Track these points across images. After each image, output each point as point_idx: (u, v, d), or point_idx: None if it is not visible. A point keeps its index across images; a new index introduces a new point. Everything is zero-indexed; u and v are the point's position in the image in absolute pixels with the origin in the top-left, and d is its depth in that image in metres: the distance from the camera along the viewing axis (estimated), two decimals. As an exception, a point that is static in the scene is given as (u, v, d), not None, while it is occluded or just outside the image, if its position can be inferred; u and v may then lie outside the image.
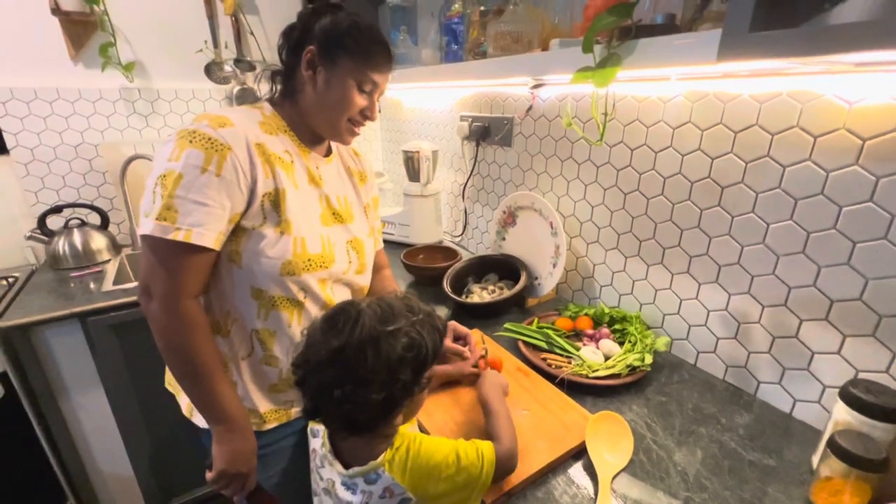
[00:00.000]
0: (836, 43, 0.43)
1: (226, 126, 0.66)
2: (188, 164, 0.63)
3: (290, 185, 0.73)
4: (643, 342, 0.95)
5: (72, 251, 1.55)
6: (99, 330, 1.30)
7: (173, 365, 0.71)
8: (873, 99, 0.65)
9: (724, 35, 0.49)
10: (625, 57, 0.62)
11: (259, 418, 0.80)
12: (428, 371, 0.61)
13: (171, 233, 0.63)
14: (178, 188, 0.63)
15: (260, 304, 0.74)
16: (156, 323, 0.68)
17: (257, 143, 0.70)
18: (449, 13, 1.21)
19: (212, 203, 0.64)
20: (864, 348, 0.71)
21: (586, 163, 1.13)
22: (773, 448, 0.74)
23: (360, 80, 0.74)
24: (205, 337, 0.70)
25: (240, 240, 0.70)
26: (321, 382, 0.57)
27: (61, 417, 1.35)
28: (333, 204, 0.82)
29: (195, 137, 0.64)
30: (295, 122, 0.78)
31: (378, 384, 0.55)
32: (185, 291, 0.67)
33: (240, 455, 0.74)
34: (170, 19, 1.66)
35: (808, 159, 0.73)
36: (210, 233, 0.65)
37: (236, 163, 0.66)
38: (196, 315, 0.69)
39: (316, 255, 0.75)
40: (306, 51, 0.71)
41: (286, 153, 0.75)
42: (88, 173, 1.67)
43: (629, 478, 0.69)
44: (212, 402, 0.71)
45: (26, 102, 1.51)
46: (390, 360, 0.56)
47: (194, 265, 0.67)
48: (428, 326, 0.60)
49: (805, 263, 0.76)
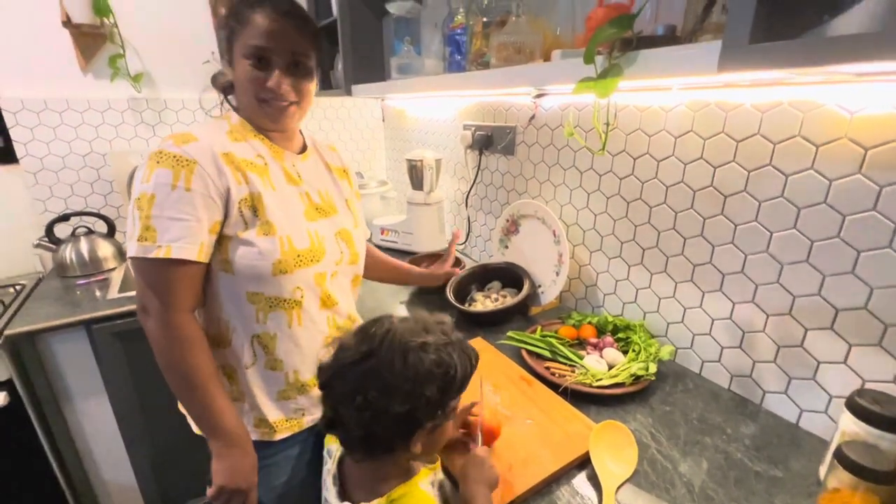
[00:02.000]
0: (835, 54, 0.44)
1: (189, 142, 0.68)
2: (158, 184, 0.65)
3: (267, 188, 0.74)
4: (647, 351, 0.94)
5: (78, 259, 1.56)
6: (104, 337, 1.31)
7: (171, 380, 0.71)
8: (875, 108, 0.65)
9: (725, 46, 0.49)
10: (626, 68, 0.62)
11: (269, 428, 0.80)
12: (455, 399, 0.59)
13: (153, 251, 0.64)
14: (152, 208, 0.65)
15: (257, 308, 0.75)
16: (153, 340, 0.70)
17: (224, 153, 0.70)
18: (452, 24, 1.22)
19: (186, 217, 0.66)
20: (870, 358, 0.71)
21: (589, 171, 1.13)
22: (779, 459, 0.73)
23: (248, 50, 0.71)
24: (200, 352, 0.71)
25: (227, 249, 0.71)
26: (345, 386, 0.56)
27: (65, 425, 1.36)
28: (315, 199, 0.82)
29: (162, 157, 0.66)
30: (253, 123, 0.79)
31: (402, 395, 0.54)
32: (177, 306, 0.69)
33: (238, 471, 0.73)
34: (178, 31, 1.69)
35: (811, 168, 0.73)
36: (190, 245, 0.66)
37: (204, 175, 0.67)
38: (191, 329, 0.70)
39: (304, 249, 0.76)
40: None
41: (258, 157, 0.76)
42: (96, 182, 1.69)
43: (634, 488, 0.68)
44: (209, 417, 0.72)
45: (36, 113, 1.54)
46: (418, 372, 0.54)
47: (181, 279, 0.68)
48: (459, 351, 0.59)
49: (809, 272, 0.76)
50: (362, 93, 1.56)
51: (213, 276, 0.73)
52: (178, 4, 1.67)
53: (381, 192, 2.02)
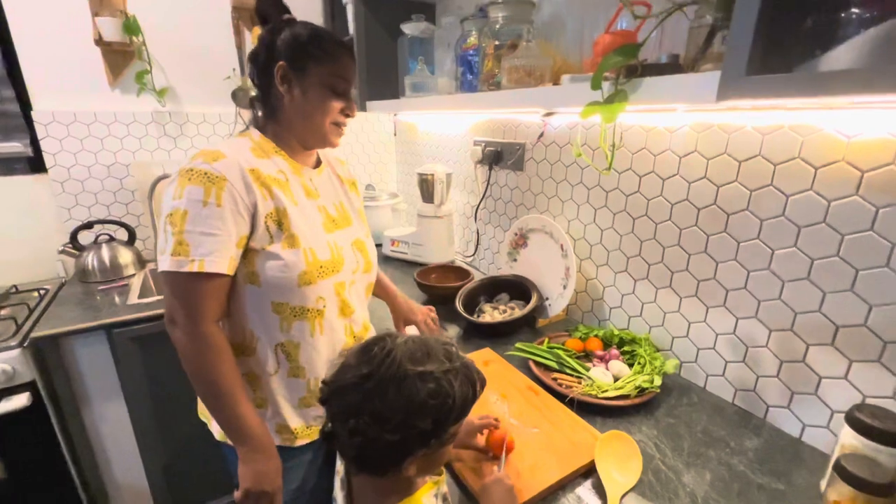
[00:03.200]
0: (825, 87, 0.47)
1: (218, 159, 0.71)
2: (191, 200, 0.68)
3: (290, 202, 0.77)
4: (652, 364, 0.97)
5: (100, 265, 1.62)
6: (123, 342, 1.35)
7: (199, 388, 0.75)
8: (871, 133, 0.68)
9: (723, 77, 0.53)
10: (631, 93, 0.66)
11: (290, 434, 0.83)
12: (454, 426, 0.58)
13: (187, 265, 0.68)
14: (185, 223, 0.68)
15: (281, 317, 0.78)
16: (181, 349, 0.72)
17: (251, 169, 0.74)
18: (465, 45, 1.27)
19: (217, 232, 0.69)
20: (870, 374, 0.73)
21: (596, 188, 1.17)
22: (782, 472, 0.75)
23: (333, 82, 0.78)
24: (226, 360, 0.74)
25: (254, 261, 0.74)
26: (341, 406, 0.57)
27: (83, 426, 1.39)
28: (330, 212, 0.86)
29: (193, 174, 0.69)
30: (282, 140, 0.82)
31: (393, 424, 0.53)
32: (205, 317, 0.71)
33: (264, 475, 0.76)
34: (202, 49, 1.77)
35: (810, 189, 0.76)
36: (221, 259, 0.70)
37: (233, 191, 0.70)
38: (217, 339, 0.73)
39: (326, 261, 0.80)
40: (277, 67, 0.76)
41: (280, 173, 0.79)
42: (119, 191, 1.75)
43: (638, 498, 0.70)
44: (235, 423, 0.74)
45: (66, 125, 1.61)
46: (412, 402, 0.53)
47: (210, 291, 0.71)
48: (462, 377, 0.57)
49: (810, 289, 0.78)
50: (376, 109, 1.62)
51: (238, 288, 0.76)
52: (203, 24, 1.75)
53: (391, 205, 2.07)
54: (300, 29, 0.78)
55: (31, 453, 1.32)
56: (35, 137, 1.58)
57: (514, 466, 0.74)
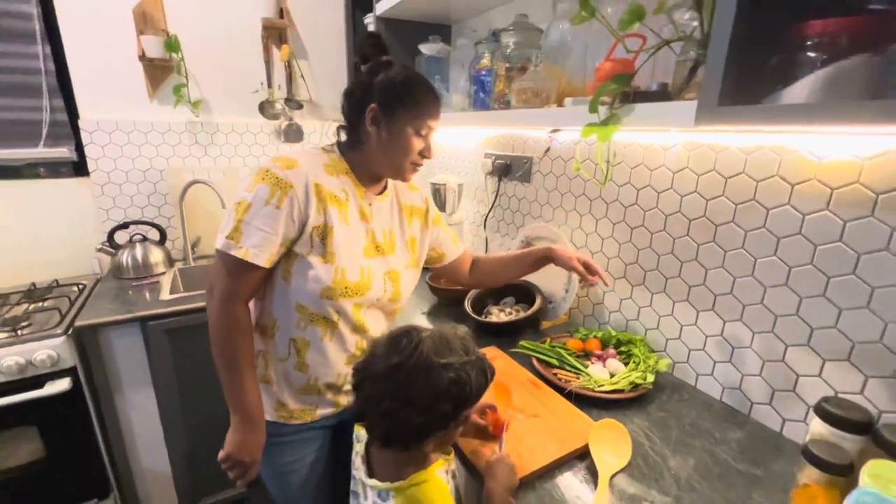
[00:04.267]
0: (783, 118, 0.56)
1: (292, 168, 0.80)
2: (257, 197, 0.78)
3: (341, 221, 0.85)
4: (646, 363, 1.04)
5: (133, 263, 1.74)
6: (156, 333, 1.46)
7: (216, 355, 0.84)
8: (838, 155, 0.76)
9: (699, 106, 0.62)
10: (623, 117, 0.75)
11: (287, 412, 0.92)
12: (467, 410, 0.68)
13: (234, 250, 0.77)
14: (246, 215, 0.78)
15: (301, 316, 0.86)
16: (211, 317, 0.83)
17: (315, 183, 0.82)
18: (478, 66, 1.38)
19: (268, 230, 0.78)
20: (841, 372, 0.80)
21: (597, 199, 1.26)
22: (761, 461, 0.82)
23: (417, 126, 0.84)
24: (245, 338, 0.84)
25: (292, 263, 0.84)
26: (373, 392, 0.66)
27: (115, 412, 1.50)
28: (378, 238, 0.92)
29: (267, 175, 0.79)
30: (357, 166, 0.90)
31: (420, 408, 0.62)
32: (237, 296, 0.81)
33: (247, 446, 0.86)
34: (233, 64, 1.91)
35: (788, 203, 0.84)
36: (263, 254, 0.79)
37: (294, 199, 0.79)
38: (242, 318, 0.83)
39: (353, 283, 0.86)
40: (369, 109, 0.82)
41: (342, 192, 0.87)
42: (152, 195, 1.89)
43: (627, 477, 0.78)
44: (236, 395, 0.84)
45: (108, 133, 1.75)
46: (437, 389, 0.62)
47: (247, 277, 0.81)
48: (477, 369, 0.66)
49: (788, 294, 0.86)
50: (394, 122, 1.73)
51: (274, 280, 0.86)
52: (235, 42, 1.89)
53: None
54: (394, 74, 0.83)
55: (69, 434, 1.42)
56: (80, 144, 1.72)
57: (515, 448, 0.82)
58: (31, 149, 1.66)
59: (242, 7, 1.86)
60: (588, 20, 0.76)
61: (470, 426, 0.87)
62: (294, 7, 1.96)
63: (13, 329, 1.32)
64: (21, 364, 1.28)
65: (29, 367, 1.30)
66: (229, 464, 0.87)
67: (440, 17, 1.74)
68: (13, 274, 1.69)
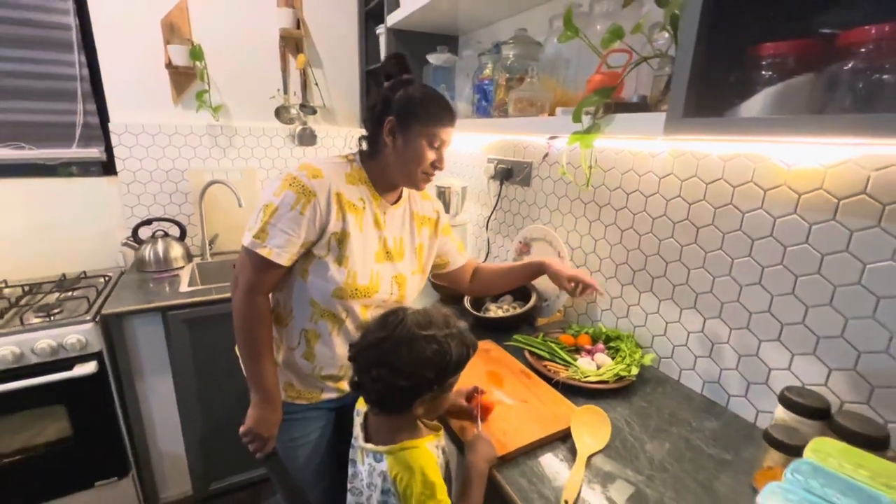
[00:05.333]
0: (739, 130, 0.63)
1: (317, 177, 0.88)
2: (284, 202, 0.86)
3: (356, 229, 0.93)
4: (632, 357, 1.11)
5: (154, 257, 1.85)
6: (176, 323, 1.56)
7: (239, 340, 0.94)
8: (805, 163, 0.83)
9: (667, 118, 0.69)
10: (604, 126, 0.83)
11: (295, 392, 1.01)
12: (452, 377, 0.76)
13: (259, 248, 0.86)
14: (272, 217, 0.86)
15: (314, 311, 0.95)
16: (235, 306, 0.92)
17: (337, 193, 0.90)
18: (481, 76, 1.46)
19: (292, 233, 0.87)
20: (807, 365, 0.86)
21: (591, 203, 1.33)
22: (732, 447, 0.88)
23: (430, 138, 0.90)
24: (265, 326, 0.93)
25: (309, 263, 0.92)
26: (365, 361, 0.75)
27: (136, 396, 1.60)
28: (389, 244, 1.00)
29: (294, 183, 0.87)
30: (375, 175, 0.97)
31: (406, 374, 0.71)
32: (259, 289, 0.91)
33: (265, 421, 0.95)
34: (252, 72, 2.02)
35: (761, 208, 0.90)
36: (285, 254, 0.88)
37: (317, 206, 0.87)
38: (263, 308, 0.93)
39: (363, 286, 0.94)
40: (387, 121, 0.89)
41: (360, 200, 0.94)
42: (174, 193, 2.00)
43: (604, 457, 0.85)
44: (257, 375, 0.93)
45: (135, 135, 1.87)
46: (419, 358, 0.71)
47: (269, 273, 0.90)
48: (458, 340, 0.75)
49: (761, 292, 0.92)
50: (402, 128, 1.82)
51: (292, 276, 0.95)
52: (254, 50, 2.00)
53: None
54: (413, 91, 0.89)
55: (93, 416, 1.53)
56: (109, 145, 1.85)
57: (501, 427, 0.89)
58: (65, 149, 1.79)
59: (262, 18, 1.98)
60: (572, 39, 0.83)
61: (457, 409, 0.94)
62: (310, 18, 2.07)
63: (47, 314, 1.44)
64: (53, 347, 1.39)
65: (60, 349, 1.41)
66: (249, 437, 0.96)
67: (448, 28, 1.83)
68: (46, 265, 1.82)
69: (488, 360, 1.16)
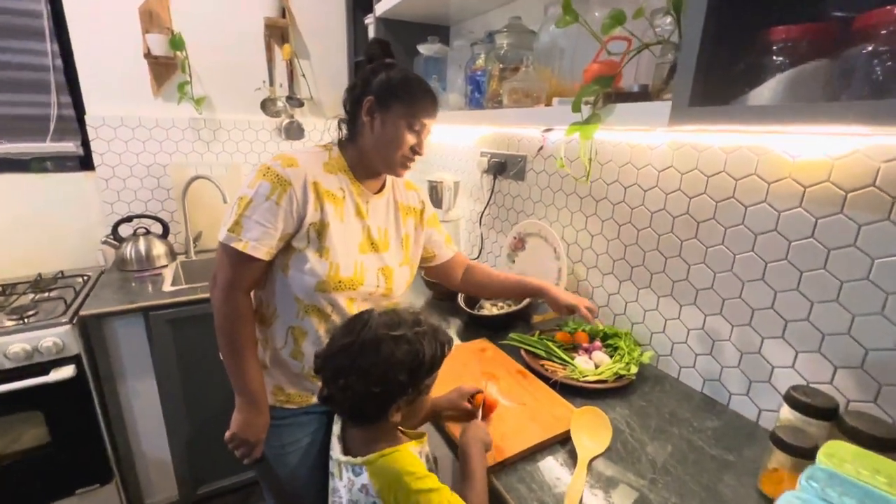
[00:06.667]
0: (748, 118, 0.60)
1: (292, 166, 0.85)
2: (258, 193, 0.82)
3: (336, 219, 0.89)
4: (630, 355, 1.08)
5: (136, 255, 1.78)
6: (158, 324, 1.50)
7: (221, 342, 0.89)
8: (811, 155, 0.80)
9: (672, 108, 0.66)
10: (604, 117, 0.79)
11: (285, 396, 0.96)
12: (427, 378, 0.71)
13: (235, 242, 0.82)
14: (247, 209, 0.82)
15: (298, 307, 0.91)
16: (215, 305, 0.87)
17: (314, 182, 0.86)
18: (474, 66, 1.41)
19: (269, 225, 0.83)
20: (812, 363, 0.84)
21: (587, 197, 1.29)
22: (735, 447, 0.86)
23: (410, 121, 0.87)
24: (247, 324, 0.89)
25: (289, 256, 0.88)
26: (333, 370, 0.69)
27: (117, 400, 1.54)
28: (373, 234, 0.96)
29: (268, 172, 0.83)
30: (354, 161, 0.94)
31: (375, 378, 0.65)
32: (238, 286, 0.86)
33: (251, 426, 0.90)
34: (236, 62, 1.95)
35: (764, 201, 0.88)
36: (262, 247, 0.83)
37: (293, 196, 0.84)
38: (244, 306, 0.88)
39: (346, 278, 0.90)
40: (366, 100, 0.87)
41: (340, 190, 0.91)
42: (156, 189, 1.93)
43: (605, 461, 0.82)
44: (240, 377, 0.88)
45: (114, 128, 1.79)
46: (389, 359, 0.66)
47: (248, 268, 0.86)
48: (430, 338, 0.69)
49: (764, 289, 0.89)
50: (392, 121, 1.76)
51: (273, 272, 0.90)
52: (238, 40, 1.93)
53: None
54: (395, 73, 0.87)
55: (72, 421, 1.47)
56: (86, 139, 1.77)
57: (499, 430, 0.86)
58: (38, 143, 1.71)
59: (245, 7, 1.91)
60: (571, 24, 0.79)
61: (458, 411, 0.91)
62: (296, 7, 2.00)
63: (20, 317, 1.37)
64: (28, 351, 1.33)
65: (35, 353, 1.34)
66: (235, 443, 0.91)
67: (439, 18, 1.78)
68: (21, 265, 1.74)
69: (484, 360, 1.13)
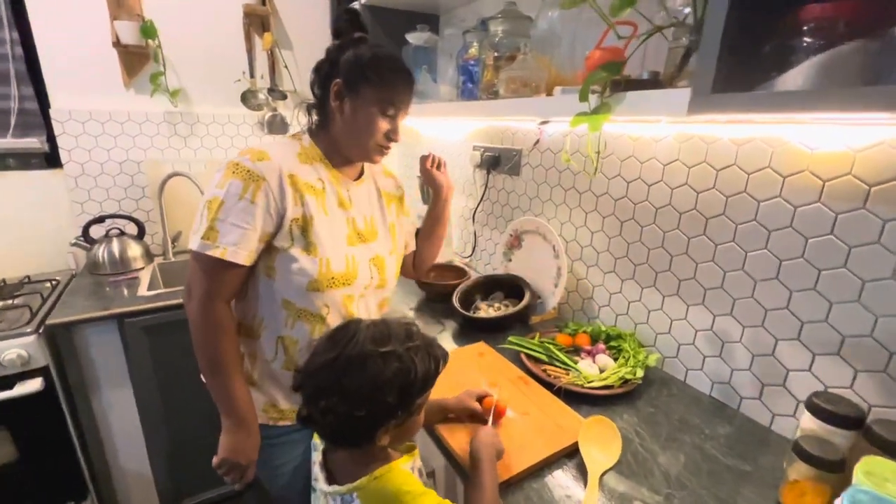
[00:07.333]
0: (778, 105, 0.54)
1: (263, 160, 0.77)
2: (229, 193, 0.75)
3: (320, 212, 0.82)
4: (636, 358, 1.03)
5: (110, 258, 1.67)
6: (134, 331, 1.41)
7: (200, 359, 0.81)
8: (830, 146, 0.75)
9: (693, 95, 0.60)
10: (614, 106, 0.73)
11: (278, 413, 0.89)
12: (419, 398, 0.63)
13: (211, 249, 0.74)
14: (219, 212, 0.74)
15: (288, 313, 0.84)
16: (192, 319, 0.79)
17: (290, 175, 0.79)
18: (466, 56, 1.34)
19: (246, 226, 0.75)
20: (831, 366, 0.79)
21: (587, 193, 1.24)
22: (750, 456, 0.81)
23: (382, 106, 0.81)
24: (229, 338, 0.81)
25: (274, 258, 0.81)
26: (313, 390, 0.61)
27: (91, 412, 1.45)
28: (359, 225, 0.90)
29: (238, 169, 0.76)
30: (329, 149, 0.87)
31: (361, 400, 0.57)
32: (217, 296, 0.78)
33: (241, 449, 0.83)
34: (214, 52, 1.84)
35: (779, 196, 0.83)
36: (242, 251, 0.76)
37: (268, 192, 0.76)
38: (224, 318, 0.80)
39: (339, 273, 0.83)
40: (333, 84, 0.80)
41: (318, 181, 0.84)
42: (130, 188, 1.82)
43: (616, 475, 0.76)
44: (225, 398, 0.81)
45: (82, 123, 1.68)
46: (376, 379, 0.58)
47: (227, 276, 0.78)
48: (423, 354, 0.62)
49: (778, 288, 0.85)
50: (380, 114, 1.68)
51: (256, 277, 0.83)
52: (215, 29, 1.82)
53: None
54: (364, 50, 0.80)
55: (42, 436, 1.37)
56: (52, 134, 1.65)
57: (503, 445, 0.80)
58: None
59: (223, -7, 1.80)
60: (579, 5, 0.73)
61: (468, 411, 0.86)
62: (277, -6, 1.90)
63: (-20, 328, 1.27)
64: (-11, 364, 1.23)
65: (-2, 367, 1.24)
66: (225, 468, 0.84)
67: (428, 5, 1.70)
68: (-18, 270, 1.62)
69: (482, 366, 1.07)
